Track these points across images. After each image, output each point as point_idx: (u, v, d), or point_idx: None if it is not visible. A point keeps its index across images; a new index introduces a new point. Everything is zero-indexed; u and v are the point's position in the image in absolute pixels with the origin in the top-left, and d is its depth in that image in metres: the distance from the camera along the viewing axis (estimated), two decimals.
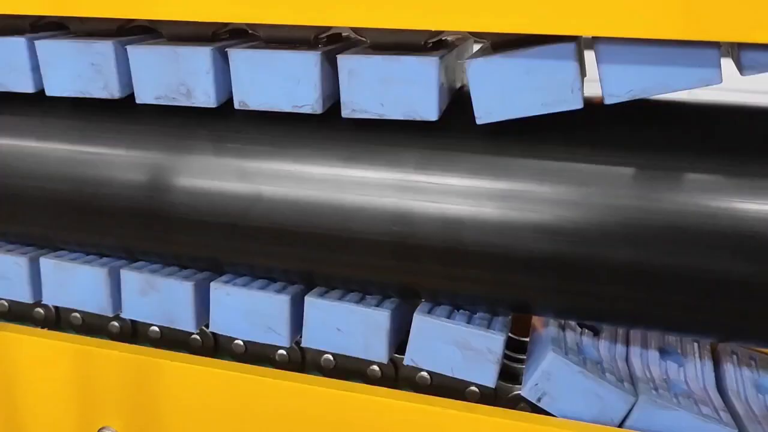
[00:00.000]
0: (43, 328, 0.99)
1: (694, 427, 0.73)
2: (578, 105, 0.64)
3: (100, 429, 0.90)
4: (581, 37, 0.69)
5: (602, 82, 0.64)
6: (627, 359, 0.82)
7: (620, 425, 0.74)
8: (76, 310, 0.97)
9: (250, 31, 0.85)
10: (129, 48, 0.78)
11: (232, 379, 0.83)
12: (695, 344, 0.89)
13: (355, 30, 0.78)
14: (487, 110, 0.66)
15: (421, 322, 0.76)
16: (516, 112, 0.66)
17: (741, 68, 0.62)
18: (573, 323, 0.85)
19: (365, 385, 0.81)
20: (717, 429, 0.72)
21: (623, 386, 0.74)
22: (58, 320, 0.98)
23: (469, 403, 0.78)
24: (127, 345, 0.89)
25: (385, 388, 0.80)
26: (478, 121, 0.67)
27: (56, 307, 0.98)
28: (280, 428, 0.82)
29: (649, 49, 0.62)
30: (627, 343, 0.86)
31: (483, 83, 0.66)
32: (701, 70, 0.62)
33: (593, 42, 0.64)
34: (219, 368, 0.84)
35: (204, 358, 0.87)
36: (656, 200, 0.66)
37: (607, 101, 0.64)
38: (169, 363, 0.85)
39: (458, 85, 0.80)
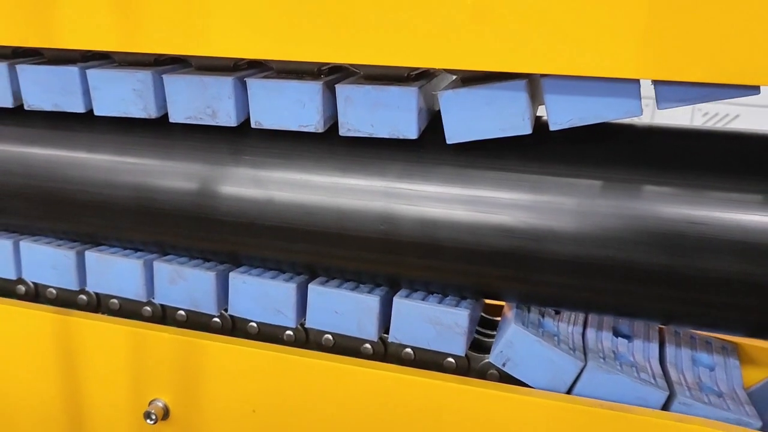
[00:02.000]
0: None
1: (633, 389, 0.86)
2: (528, 131, 0.79)
3: (151, 401, 1.01)
4: (533, 75, 0.84)
5: (548, 112, 0.79)
6: (583, 335, 0.96)
7: (572, 388, 0.89)
8: (114, 296, 1.11)
9: (265, 63, 1.00)
10: (165, 76, 0.93)
11: (262, 356, 0.96)
12: (645, 326, 1.03)
13: (351, 64, 0.93)
14: (454, 132, 0.81)
15: (400, 305, 0.91)
16: (478, 135, 0.81)
17: (657, 102, 0.77)
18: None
19: (360, 359, 0.96)
20: (650, 391, 0.86)
21: (574, 354, 0.89)
22: (98, 305, 1.13)
23: (442, 373, 0.92)
24: (175, 328, 1.01)
25: (375, 362, 0.96)
26: (448, 141, 0.82)
27: (97, 294, 1.12)
28: (301, 395, 0.95)
29: (584, 84, 0.77)
30: (585, 322, 1.00)
31: (451, 110, 0.81)
32: (625, 103, 0.77)
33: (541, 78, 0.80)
34: (253, 347, 0.97)
35: (241, 339, 0.99)
36: (592, 204, 0.81)
37: (552, 128, 0.79)
38: (212, 343, 0.97)
39: (436, 108, 0.96)
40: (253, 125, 0.91)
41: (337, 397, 0.94)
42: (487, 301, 1.06)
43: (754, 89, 0.73)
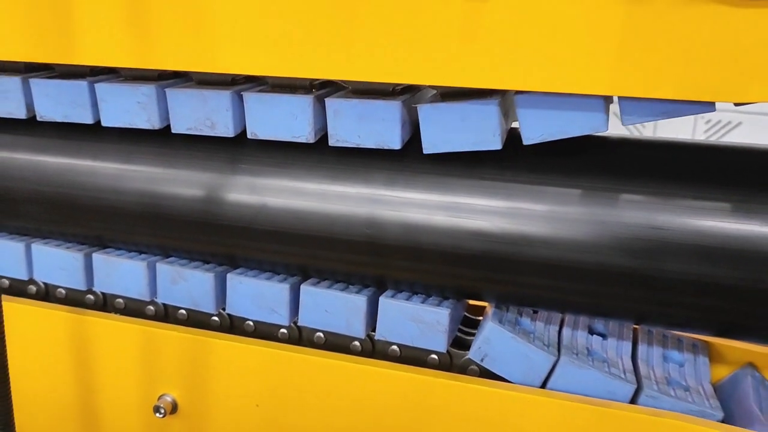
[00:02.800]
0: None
1: (602, 383, 0.92)
2: (497, 147, 0.85)
3: (160, 395, 1.08)
4: (508, 93, 0.90)
5: (521, 128, 0.85)
6: (559, 333, 1.02)
7: (546, 383, 0.95)
8: (119, 296, 1.17)
9: (260, 78, 1.06)
10: (167, 90, 1.00)
11: (264, 353, 1.02)
12: (620, 325, 1.09)
13: (340, 79, 0.99)
14: (431, 144, 0.88)
15: (385, 304, 0.97)
16: (453, 147, 0.87)
17: (622, 118, 0.83)
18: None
19: (350, 355, 1.02)
20: (619, 384, 0.92)
21: (548, 349, 0.95)
22: (105, 304, 1.20)
23: (425, 368, 0.98)
24: (183, 327, 1.07)
25: (364, 358, 1.02)
26: (425, 152, 0.88)
27: (104, 294, 1.19)
28: (299, 390, 1.01)
29: (554, 102, 0.83)
30: (562, 321, 1.06)
31: (429, 123, 0.87)
32: (592, 118, 0.83)
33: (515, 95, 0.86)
34: (256, 345, 1.03)
35: (244, 337, 1.05)
36: (562, 210, 0.87)
37: (525, 143, 0.85)
38: (218, 341, 1.04)
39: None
40: (249, 136, 0.97)
41: (330, 390, 1.01)
42: (471, 301, 1.12)
43: (710, 106, 0.79)
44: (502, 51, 0.81)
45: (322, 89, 0.98)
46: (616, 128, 0.89)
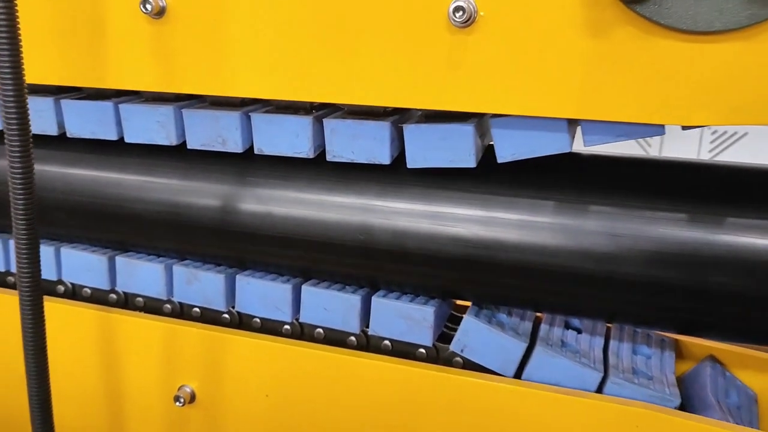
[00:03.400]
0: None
1: (573, 371, 1.02)
2: (472, 165, 0.96)
3: (180, 386, 1.18)
4: (486, 116, 1.01)
5: (495, 148, 0.96)
6: (535, 327, 1.12)
7: (524, 371, 1.05)
8: (139, 295, 1.29)
9: (266, 100, 1.18)
10: (184, 111, 1.12)
11: (274, 348, 1.12)
12: (595, 322, 1.19)
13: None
14: (414, 159, 0.99)
15: (377, 303, 1.08)
16: (433, 163, 0.98)
17: (584, 138, 0.93)
18: None
19: (346, 349, 1.13)
20: (588, 372, 1.02)
21: (520, 337, 1.05)
22: (126, 303, 1.32)
23: (413, 361, 1.10)
24: (201, 324, 1.18)
25: (359, 351, 1.13)
26: (408, 166, 1.00)
27: (125, 293, 1.31)
28: (304, 381, 1.12)
29: (525, 124, 0.94)
30: (537, 317, 1.16)
31: (412, 141, 0.98)
32: (558, 139, 0.94)
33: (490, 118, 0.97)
34: (267, 341, 1.13)
35: (255, 333, 1.16)
36: (533, 220, 0.97)
37: (499, 161, 0.96)
38: (233, 337, 1.15)
39: None
40: (256, 152, 1.09)
41: (329, 380, 1.11)
42: (459, 301, 1.23)
43: (660, 128, 0.90)
44: (480, 79, 0.91)
45: (321, 110, 1.10)
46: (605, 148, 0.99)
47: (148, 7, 1.01)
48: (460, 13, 0.87)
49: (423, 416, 1.07)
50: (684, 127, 0.91)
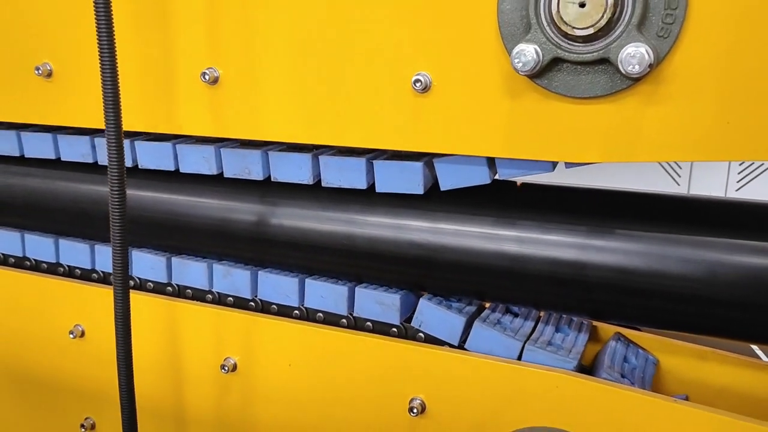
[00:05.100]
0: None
1: (500, 341, 1.36)
2: (420, 192, 1.33)
3: (225, 357, 1.52)
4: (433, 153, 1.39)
5: (438, 179, 1.34)
6: (478, 310, 1.48)
7: (466, 342, 1.40)
8: (189, 287, 1.70)
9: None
10: (222, 150, 1.53)
11: (293, 328, 1.48)
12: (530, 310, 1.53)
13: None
14: (382, 186, 1.37)
15: (359, 292, 1.45)
16: (395, 189, 1.36)
17: (498, 171, 1.30)
18: None
19: (339, 328, 1.52)
20: (511, 342, 1.37)
21: (462, 314, 1.41)
22: (179, 293, 1.74)
23: (387, 336, 1.47)
24: (241, 309, 1.56)
25: (349, 329, 1.51)
26: (377, 191, 1.38)
27: (178, 285, 1.73)
28: (312, 352, 1.51)
29: (458, 160, 1.31)
30: (482, 305, 1.52)
31: (379, 173, 1.37)
32: (479, 172, 1.31)
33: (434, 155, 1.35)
34: (288, 323, 1.48)
35: (278, 317, 1.53)
36: (466, 229, 1.34)
37: (442, 189, 1.34)
38: (264, 319, 1.51)
39: None
40: (272, 179, 1.49)
41: (328, 351, 1.48)
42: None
43: (550, 164, 1.25)
44: (432, 129, 1.27)
45: (318, 149, 1.49)
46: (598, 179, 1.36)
47: (206, 77, 1.42)
48: (419, 83, 1.25)
49: (394, 376, 1.43)
50: (567, 165, 1.26)
